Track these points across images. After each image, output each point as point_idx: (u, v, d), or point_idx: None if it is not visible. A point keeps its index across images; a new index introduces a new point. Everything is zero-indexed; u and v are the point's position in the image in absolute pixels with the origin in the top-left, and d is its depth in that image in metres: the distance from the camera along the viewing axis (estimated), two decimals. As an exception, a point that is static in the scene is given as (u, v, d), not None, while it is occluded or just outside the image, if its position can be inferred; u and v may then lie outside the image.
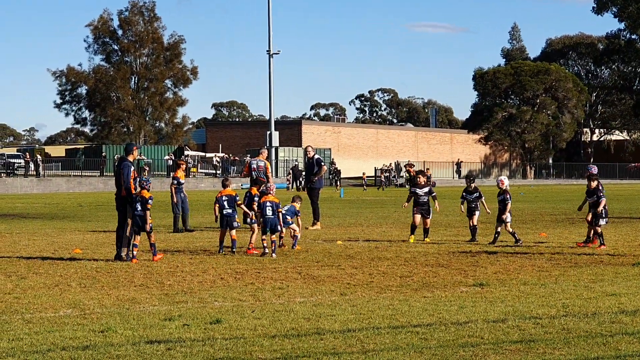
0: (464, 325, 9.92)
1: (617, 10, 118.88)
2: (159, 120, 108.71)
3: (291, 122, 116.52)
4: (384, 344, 8.98)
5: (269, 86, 76.09)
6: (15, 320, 10.49)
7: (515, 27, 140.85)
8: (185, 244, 20.01)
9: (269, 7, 74.30)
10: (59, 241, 21.24)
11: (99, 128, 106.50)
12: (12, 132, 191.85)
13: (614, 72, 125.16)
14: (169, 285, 13.39)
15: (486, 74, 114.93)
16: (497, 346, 8.85)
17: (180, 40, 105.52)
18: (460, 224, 26.68)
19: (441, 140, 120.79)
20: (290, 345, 9.00)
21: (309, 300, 11.84)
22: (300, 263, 16.19)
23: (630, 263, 15.86)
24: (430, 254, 17.61)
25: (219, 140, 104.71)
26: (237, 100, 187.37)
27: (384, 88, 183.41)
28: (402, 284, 13.39)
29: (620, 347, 8.79)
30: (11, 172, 72.61)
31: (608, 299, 11.71)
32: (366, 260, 16.55)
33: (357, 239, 21.13)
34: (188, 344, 9.04)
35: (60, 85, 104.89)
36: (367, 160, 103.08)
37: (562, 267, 15.28)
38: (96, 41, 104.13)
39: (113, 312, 10.98)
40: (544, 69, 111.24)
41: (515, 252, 17.77)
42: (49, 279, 14.12)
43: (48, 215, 33.89)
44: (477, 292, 12.51)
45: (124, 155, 17.58)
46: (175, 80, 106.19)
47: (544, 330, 9.61)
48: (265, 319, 10.45)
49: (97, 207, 40.45)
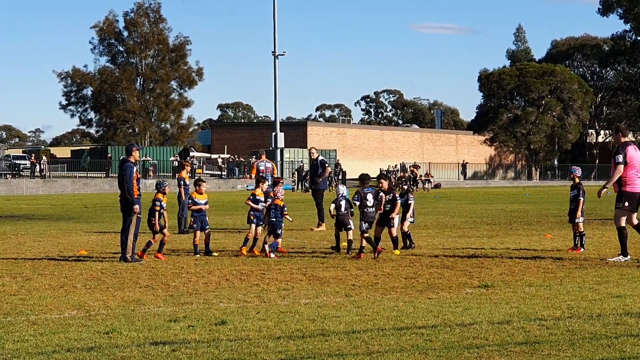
0: (468, 326, 9.92)
1: (623, 11, 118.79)
2: (165, 122, 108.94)
3: (297, 123, 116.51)
4: (388, 346, 8.98)
5: (275, 87, 76.09)
6: (20, 321, 10.51)
7: (521, 28, 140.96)
8: (191, 246, 20.02)
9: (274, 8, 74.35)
10: (64, 242, 21.27)
11: (105, 129, 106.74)
12: (17, 133, 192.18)
13: (619, 73, 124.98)
14: (174, 287, 13.40)
15: (491, 75, 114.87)
16: (502, 348, 8.84)
17: (185, 41, 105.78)
18: (465, 225, 26.65)
19: (446, 142, 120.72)
20: (295, 346, 9.00)
21: (314, 302, 11.84)
22: (305, 264, 16.20)
23: (635, 265, 15.83)
24: (435, 256, 17.60)
25: (224, 142, 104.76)
26: (242, 102, 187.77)
27: (390, 89, 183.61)
28: (407, 286, 13.39)
29: (625, 349, 8.77)
30: (17, 174, 72.72)
31: (613, 300, 11.70)
32: (371, 262, 16.55)
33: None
34: (193, 346, 9.05)
35: (66, 86, 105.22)
36: (372, 162, 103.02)
37: (567, 269, 15.26)
38: (102, 42, 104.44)
39: (118, 314, 10.99)
40: (549, 71, 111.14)
41: (520, 254, 17.75)
42: (54, 281, 14.14)
43: (53, 216, 33.94)
44: (482, 293, 12.50)
45: (125, 156, 17.63)
46: (180, 82, 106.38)
47: (549, 332, 9.60)
48: (270, 320, 10.45)
49: (103, 208, 40.49)
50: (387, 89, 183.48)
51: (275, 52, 75.03)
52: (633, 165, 16.35)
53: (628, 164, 16.29)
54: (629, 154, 16.36)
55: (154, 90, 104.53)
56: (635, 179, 16.39)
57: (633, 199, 16.39)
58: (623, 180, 16.37)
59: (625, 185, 16.35)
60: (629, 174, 16.34)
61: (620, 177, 16.33)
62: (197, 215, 18.38)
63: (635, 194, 16.37)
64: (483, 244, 20.03)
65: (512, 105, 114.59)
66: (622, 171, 16.29)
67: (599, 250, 18.29)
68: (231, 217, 31.71)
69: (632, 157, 16.34)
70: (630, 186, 16.33)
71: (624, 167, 16.28)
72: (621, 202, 16.38)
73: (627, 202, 16.35)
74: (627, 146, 16.51)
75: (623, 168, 16.27)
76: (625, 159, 16.28)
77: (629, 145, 16.55)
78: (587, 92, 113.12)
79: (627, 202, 16.35)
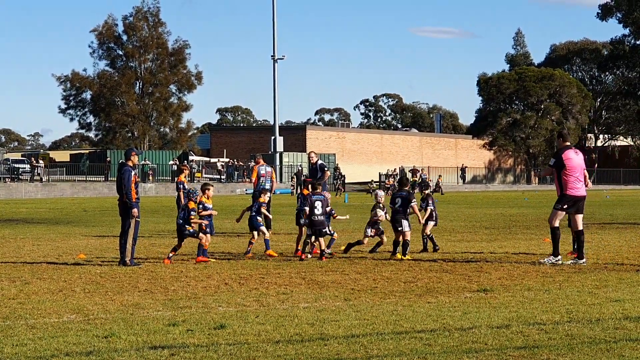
0: (467, 331, 9.91)
1: (622, 16, 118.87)
2: (164, 126, 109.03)
3: (296, 127, 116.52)
4: (387, 350, 8.98)
5: (274, 91, 76.16)
6: (19, 325, 10.51)
7: (520, 32, 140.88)
8: (190, 249, 20.01)
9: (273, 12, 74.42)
10: (63, 246, 21.26)
11: (104, 133, 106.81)
12: (16, 137, 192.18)
13: (618, 77, 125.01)
14: (173, 291, 13.39)
15: (490, 80, 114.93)
16: (500, 352, 8.84)
17: (184, 45, 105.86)
18: (464, 230, 26.65)
19: (446, 146, 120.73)
20: (294, 350, 9.00)
21: (313, 306, 11.84)
22: (304, 268, 16.20)
23: (634, 269, 15.83)
24: (434, 260, 17.60)
25: (223, 146, 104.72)
26: (241, 106, 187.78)
27: (389, 93, 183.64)
28: (406, 290, 13.39)
29: (624, 353, 8.77)
30: (16, 177, 72.67)
31: (612, 305, 11.69)
32: (370, 266, 16.55)
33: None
34: (192, 350, 9.04)
35: (65, 90, 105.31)
36: (371, 166, 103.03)
37: (566, 273, 15.26)
38: (101, 46, 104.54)
39: (117, 318, 10.99)
40: (548, 75, 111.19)
41: (519, 259, 17.75)
42: (53, 284, 14.14)
43: (52, 220, 33.92)
44: (481, 297, 12.50)
45: (124, 160, 17.63)
46: (179, 86, 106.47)
47: (547, 336, 9.60)
48: (269, 324, 10.45)
49: (102, 212, 40.47)
50: (386, 93, 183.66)
51: (275, 56, 75.09)
52: (574, 168, 16.85)
53: (568, 168, 16.78)
54: (568, 157, 16.83)
55: (153, 94, 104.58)
56: (576, 183, 16.87)
57: (573, 202, 16.85)
58: (564, 184, 16.85)
59: (567, 188, 16.84)
60: (570, 177, 16.83)
61: (562, 181, 16.85)
62: (207, 219, 18.14)
63: (576, 197, 16.87)
64: (482, 248, 20.03)
65: (511, 109, 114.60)
66: (550, 173, 17.01)
67: (598, 255, 18.29)
68: (230, 221, 31.69)
69: (571, 160, 16.82)
70: (571, 190, 16.83)
71: (562, 170, 16.77)
72: (560, 204, 16.89)
73: (566, 205, 16.86)
74: (566, 150, 17.03)
75: (558, 171, 16.79)
76: (558, 163, 16.80)
77: (567, 150, 17.05)
78: (586, 96, 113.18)
79: (566, 205, 16.86)
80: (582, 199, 17.06)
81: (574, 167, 16.84)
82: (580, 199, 16.99)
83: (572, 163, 16.83)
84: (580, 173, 16.95)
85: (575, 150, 17.20)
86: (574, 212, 17.03)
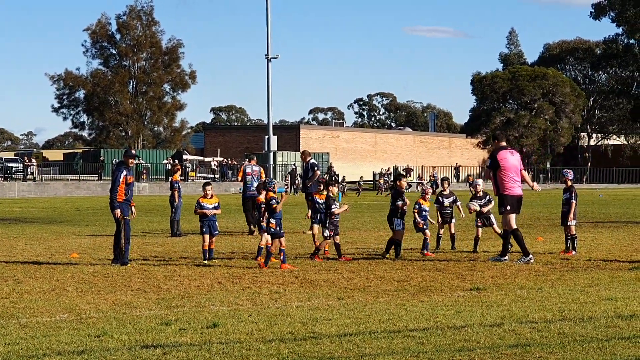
0: (460, 329, 9.93)
1: (615, 15, 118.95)
2: (157, 125, 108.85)
3: (290, 126, 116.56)
4: (380, 348, 8.99)
5: (268, 90, 76.04)
6: (12, 324, 10.49)
7: (513, 32, 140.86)
8: (183, 248, 20.01)
9: (267, 11, 74.34)
10: (56, 245, 21.23)
11: (97, 132, 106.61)
12: (9, 136, 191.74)
13: (611, 76, 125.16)
14: (165, 290, 13.38)
15: (484, 79, 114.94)
16: (493, 350, 8.85)
17: (178, 44, 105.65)
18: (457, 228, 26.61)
19: (440, 145, 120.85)
20: (286, 349, 9.00)
21: (306, 305, 11.84)
22: (297, 267, 16.18)
23: (626, 267, 15.87)
24: (427, 259, 17.63)
25: (217, 145, 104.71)
26: (235, 105, 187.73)
27: (383, 92, 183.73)
28: (399, 288, 13.40)
29: (616, 351, 8.79)
30: (9, 177, 72.51)
31: (604, 303, 11.72)
32: (363, 265, 16.56)
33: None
34: (184, 349, 9.04)
35: (58, 89, 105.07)
36: (365, 165, 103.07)
37: (558, 272, 15.29)
38: (94, 45, 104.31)
39: (109, 317, 10.98)
40: (542, 74, 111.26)
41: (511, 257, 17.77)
42: (45, 284, 14.12)
43: (45, 219, 33.87)
44: (473, 296, 12.52)
45: (122, 160, 17.57)
46: (173, 85, 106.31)
47: (540, 335, 9.62)
48: (262, 323, 10.45)
49: (95, 211, 40.42)
50: (380, 92, 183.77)
51: (269, 55, 74.99)
52: (509, 168, 16.95)
53: (503, 168, 16.88)
54: (503, 157, 16.93)
55: (147, 93, 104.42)
56: (512, 182, 16.97)
57: (513, 202, 16.97)
58: (500, 184, 16.94)
59: (503, 188, 16.95)
60: (506, 177, 16.93)
61: (498, 181, 16.96)
62: (205, 219, 17.53)
63: (514, 196, 17.00)
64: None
65: (504, 108, 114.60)
66: (491, 175, 17.08)
67: (590, 253, 18.33)
68: (224, 220, 31.68)
69: (506, 160, 16.93)
70: (508, 190, 16.95)
71: (498, 171, 16.90)
72: (503, 207, 16.99)
73: (509, 205, 16.95)
74: (501, 150, 17.13)
75: (493, 172, 16.96)
76: (494, 163, 16.96)
77: (503, 150, 17.15)
78: (580, 95, 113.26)
79: (509, 205, 16.95)
80: (519, 198, 17.14)
81: (509, 167, 16.92)
82: (518, 198, 17.08)
83: (507, 163, 16.91)
84: (516, 173, 17.02)
85: (511, 150, 17.33)
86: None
